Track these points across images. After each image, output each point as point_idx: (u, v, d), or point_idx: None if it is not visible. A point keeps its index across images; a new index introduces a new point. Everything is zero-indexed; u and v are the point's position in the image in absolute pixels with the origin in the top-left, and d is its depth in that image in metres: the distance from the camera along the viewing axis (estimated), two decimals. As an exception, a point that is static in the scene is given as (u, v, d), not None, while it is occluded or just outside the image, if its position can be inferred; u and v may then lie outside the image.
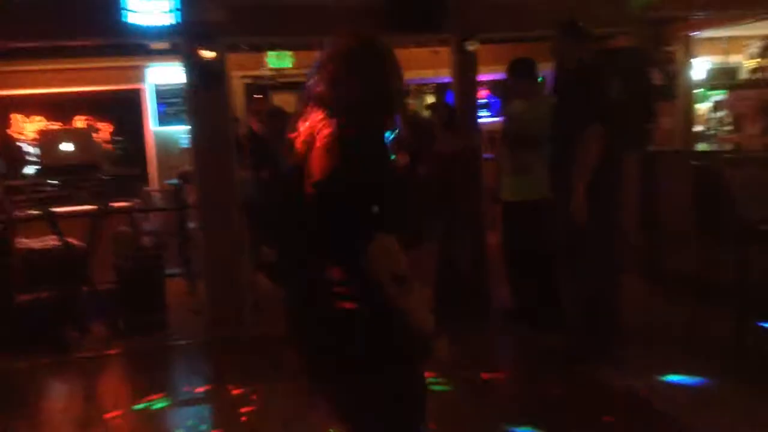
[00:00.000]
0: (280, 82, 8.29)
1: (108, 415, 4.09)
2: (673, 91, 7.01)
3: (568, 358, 4.39)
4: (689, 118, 7.33)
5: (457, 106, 6.14)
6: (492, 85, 8.70)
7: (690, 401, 3.81)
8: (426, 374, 2.07)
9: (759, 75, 7.65)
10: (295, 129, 1.96)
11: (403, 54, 7.45)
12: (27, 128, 7.58)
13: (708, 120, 7.88)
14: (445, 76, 6.46)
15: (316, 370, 2.00)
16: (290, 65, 8.01)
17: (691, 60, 7.29)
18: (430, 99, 9.12)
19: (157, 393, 4.41)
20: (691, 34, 7.13)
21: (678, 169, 5.90)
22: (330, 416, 2.11)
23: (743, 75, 8.19)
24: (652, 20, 6.52)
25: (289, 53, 7.91)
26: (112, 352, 5.31)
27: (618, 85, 4.34)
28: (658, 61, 6.70)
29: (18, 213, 5.55)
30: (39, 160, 6.16)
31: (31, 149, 7.46)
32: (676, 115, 7.09)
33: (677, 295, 5.35)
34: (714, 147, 7.37)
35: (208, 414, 4.18)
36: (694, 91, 7.55)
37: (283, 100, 8.53)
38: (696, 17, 6.80)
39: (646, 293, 5.72)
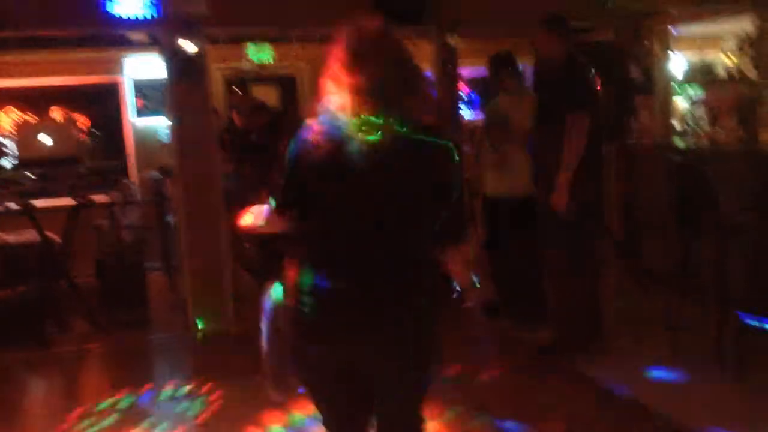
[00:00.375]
0: (261, 75, 8.24)
1: (84, 410, 4.05)
2: (651, 86, 7.09)
3: (549, 351, 4.43)
4: (666, 112, 7.41)
5: (438, 101, 6.15)
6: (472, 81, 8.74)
7: (671, 394, 3.87)
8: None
9: (734, 71, 7.75)
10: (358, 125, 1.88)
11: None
12: (2, 120, 7.47)
13: (685, 115, 7.97)
14: (425, 70, 6.46)
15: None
16: (270, 58, 7.96)
17: (669, 55, 7.37)
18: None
19: (136, 388, 4.39)
20: (669, 28, 7.20)
21: (656, 163, 5.97)
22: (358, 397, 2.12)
23: (719, 71, 8.29)
24: (629, 14, 6.57)
25: (269, 46, 7.86)
26: (92, 347, 5.26)
27: (598, 78, 4.38)
28: (635, 56, 6.77)
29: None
30: (16, 153, 6.07)
31: (7, 142, 7.35)
32: (654, 110, 7.16)
33: (657, 289, 5.41)
34: (691, 141, 7.46)
35: (187, 409, 4.16)
36: (672, 85, 7.63)
37: (263, 93, 8.48)
38: (672, 11, 6.87)
39: (627, 287, 5.78)
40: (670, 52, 7.33)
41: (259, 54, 7.91)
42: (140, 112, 7.89)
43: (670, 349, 4.40)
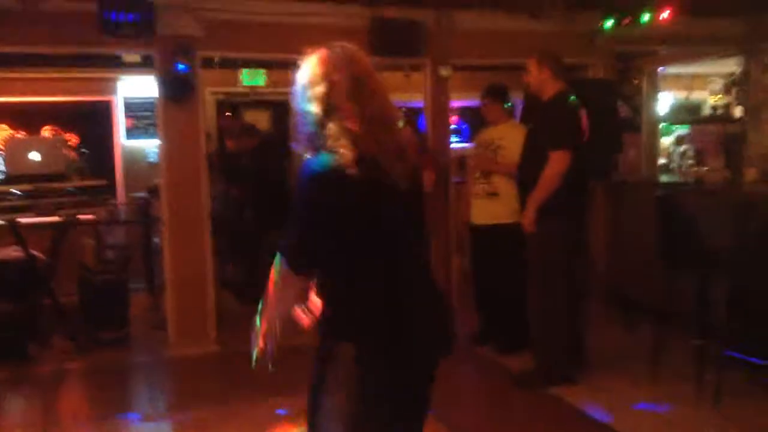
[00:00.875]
0: (253, 100, 8.29)
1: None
2: (639, 124, 7.20)
3: (529, 379, 4.43)
4: (653, 150, 7.53)
5: (429, 130, 6.22)
6: (462, 112, 8.84)
7: (652, 424, 3.88)
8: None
9: (721, 111, 7.89)
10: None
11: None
12: (-8, 136, 7.47)
13: (671, 153, 8.09)
14: (416, 100, 6.54)
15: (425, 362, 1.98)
16: (263, 83, 8.02)
17: (657, 94, 7.51)
18: (401, 123, 9.21)
19: (116, 409, 4.34)
20: (657, 69, 7.35)
21: (642, 199, 6.04)
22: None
23: (706, 111, 8.44)
24: (620, 54, 6.70)
25: (263, 71, 7.93)
26: (73, 366, 5.21)
27: (587, 115, 4.46)
28: (624, 94, 6.89)
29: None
30: (4, 169, 6.05)
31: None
32: (641, 147, 7.27)
33: (639, 321, 5.45)
34: (676, 179, 7.56)
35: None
36: (659, 124, 7.76)
37: (255, 118, 8.54)
38: (663, 53, 7.01)
39: (609, 318, 5.81)
40: (657, 91, 7.47)
41: (253, 79, 7.97)
42: (129, 133, 7.91)
43: (651, 380, 4.44)
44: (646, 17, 5.74)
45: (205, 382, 4.85)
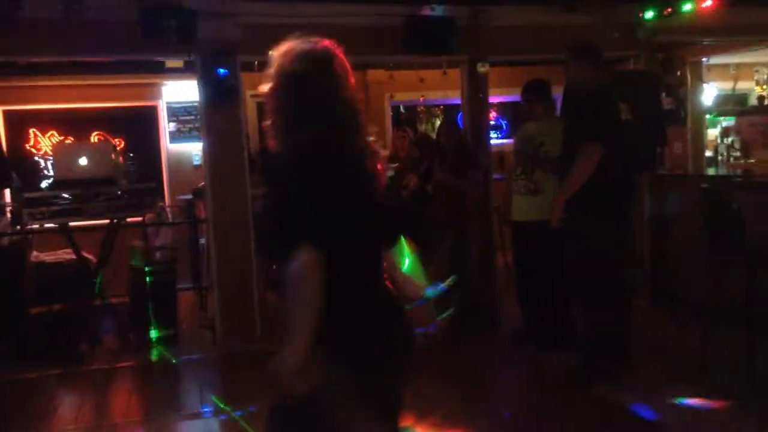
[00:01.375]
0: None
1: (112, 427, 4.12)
2: (683, 116, 7.07)
3: (575, 378, 4.40)
4: (699, 143, 7.37)
5: (467, 127, 6.21)
6: (501, 107, 8.80)
7: (699, 425, 3.82)
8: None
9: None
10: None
11: (413, 75, 7.63)
12: (43, 142, 7.70)
13: (717, 145, 7.93)
14: (454, 97, 6.53)
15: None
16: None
17: (702, 85, 7.35)
18: (439, 120, 9.21)
19: (165, 406, 4.45)
20: (701, 59, 7.20)
21: (688, 194, 5.94)
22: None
23: (752, 101, 8.24)
24: (662, 45, 6.59)
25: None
26: (123, 365, 5.35)
27: (628, 108, 4.40)
28: (668, 86, 6.76)
29: (33, 226, 5.63)
30: (55, 174, 6.23)
31: (47, 163, 7.58)
32: (686, 140, 7.13)
33: (686, 318, 5.36)
34: (723, 172, 7.40)
35: (216, 430, 4.20)
36: (705, 116, 7.60)
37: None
38: (706, 43, 6.87)
39: (655, 315, 5.73)
40: (702, 82, 7.32)
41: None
42: (173, 137, 8.08)
43: (699, 377, 4.35)
44: (687, 6, 5.63)
45: (251, 379, 4.92)
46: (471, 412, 4.17)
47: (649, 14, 5.91)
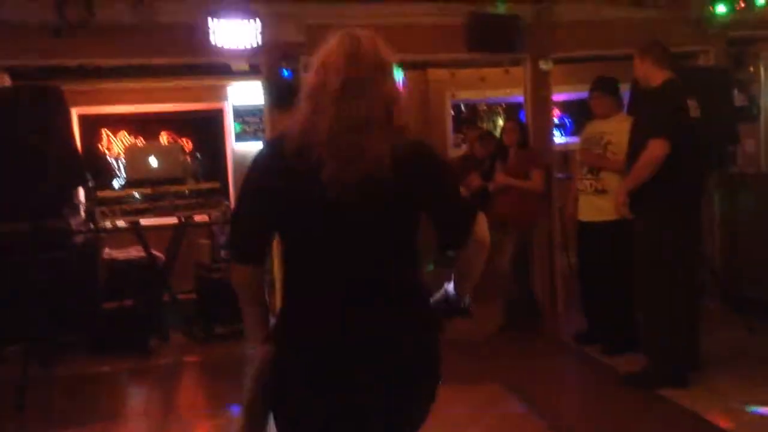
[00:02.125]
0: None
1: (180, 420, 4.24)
2: (756, 113, 6.81)
3: (641, 382, 4.30)
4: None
5: (530, 125, 6.14)
6: (565, 105, 8.66)
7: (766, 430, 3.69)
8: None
9: None
10: None
11: (474, 73, 7.56)
12: (115, 143, 7.98)
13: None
14: (516, 95, 6.47)
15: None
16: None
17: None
18: (501, 119, 9.13)
19: (230, 400, 4.55)
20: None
21: (760, 192, 5.73)
22: None
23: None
24: (734, 40, 6.37)
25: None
26: (190, 359, 5.50)
27: (697, 105, 4.27)
28: (740, 82, 6.53)
29: (106, 224, 5.83)
30: (126, 174, 6.45)
31: (119, 163, 7.84)
32: (759, 138, 6.88)
33: (758, 321, 5.17)
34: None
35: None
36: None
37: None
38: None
39: (726, 318, 5.55)
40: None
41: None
42: (239, 138, 8.24)
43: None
44: (761, 0, 5.43)
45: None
46: (533, 413, 4.13)
47: (722, 8, 5.73)
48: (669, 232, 4.13)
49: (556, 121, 8.27)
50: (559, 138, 8.17)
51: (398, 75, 1.86)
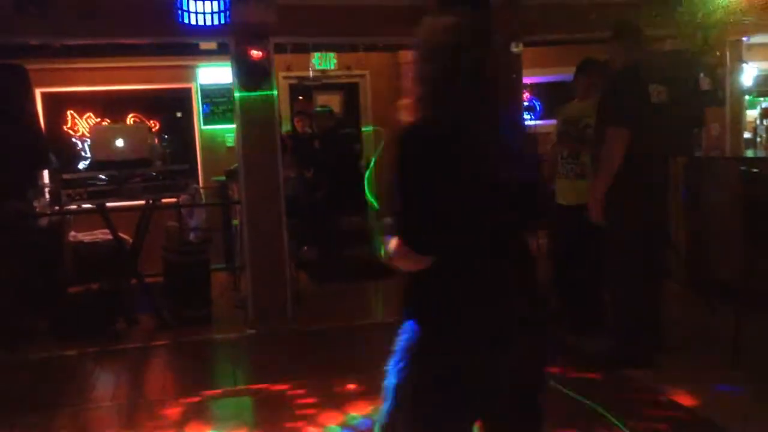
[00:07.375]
0: (324, 83, 8.39)
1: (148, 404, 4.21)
2: (721, 97, 6.91)
3: (606, 361, 4.36)
4: (738, 124, 7.21)
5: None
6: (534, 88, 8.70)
7: (731, 407, 3.77)
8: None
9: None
10: None
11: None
12: (80, 124, 7.83)
13: (756, 127, 7.75)
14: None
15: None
16: (333, 66, 8.10)
17: (741, 65, 7.17)
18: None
19: (199, 384, 4.53)
20: (742, 38, 7.01)
21: (725, 176, 5.82)
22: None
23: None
24: (701, 24, 6.43)
25: (333, 54, 8.00)
26: (159, 343, 5.45)
27: (663, 90, 4.31)
28: (705, 66, 6.61)
29: (71, 206, 5.73)
30: (92, 155, 6.33)
31: (84, 144, 7.70)
32: (725, 122, 6.98)
33: (721, 303, 5.28)
34: (762, 154, 7.24)
35: (248, 407, 4.26)
36: (744, 97, 7.42)
37: (327, 101, 8.65)
38: (746, 21, 6.68)
39: (690, 300, 5.65)
40: (742, 62, 7.13)
41: (324, 63, 8.06)
42: (207, 119, 8.14)
43: (733, 362, 4.27)
44: (729, -15, 5.49)
45: (283, 358, 4.99)
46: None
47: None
48: (632, 215, 4.18)
49: (526, 103, 8.31)
50: (528, 121, 8.21)
51: None
